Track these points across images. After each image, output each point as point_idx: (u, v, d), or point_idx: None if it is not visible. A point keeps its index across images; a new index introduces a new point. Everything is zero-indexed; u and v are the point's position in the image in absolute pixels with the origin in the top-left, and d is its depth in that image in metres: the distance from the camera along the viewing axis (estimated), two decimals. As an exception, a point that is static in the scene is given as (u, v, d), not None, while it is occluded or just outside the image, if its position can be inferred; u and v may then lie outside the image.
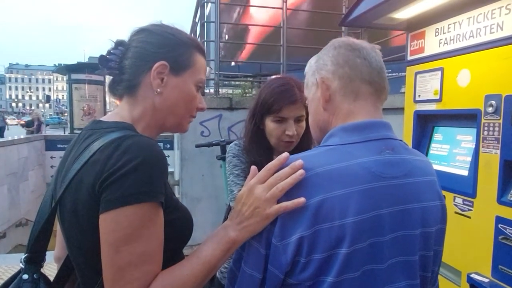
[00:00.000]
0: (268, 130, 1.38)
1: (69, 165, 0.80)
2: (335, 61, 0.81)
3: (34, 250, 0.81)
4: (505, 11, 1.48)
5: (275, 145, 1.39)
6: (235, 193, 1.36)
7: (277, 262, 0.70)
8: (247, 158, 1.41)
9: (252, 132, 1.42)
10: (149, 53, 0.84)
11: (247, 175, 1.34)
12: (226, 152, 3.74)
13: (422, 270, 0.80)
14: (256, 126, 1.41)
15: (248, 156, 1.41)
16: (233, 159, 1.42)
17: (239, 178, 1.38)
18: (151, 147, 0.74)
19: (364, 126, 0.78)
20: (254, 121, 1.41)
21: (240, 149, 1.45)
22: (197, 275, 0.73)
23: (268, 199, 0.71)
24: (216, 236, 0.77)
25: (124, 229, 0.69)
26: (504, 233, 1.47)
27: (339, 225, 0.68)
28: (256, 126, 1.41)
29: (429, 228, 0.78)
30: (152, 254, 0.72)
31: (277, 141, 1.37)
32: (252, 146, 1.41)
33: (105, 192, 0.70)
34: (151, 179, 0.72)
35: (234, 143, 1.49)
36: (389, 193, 0.73)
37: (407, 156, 0.79)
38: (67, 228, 0.79)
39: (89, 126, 0.87)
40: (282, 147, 1.37)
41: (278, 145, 1.38)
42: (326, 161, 0.72)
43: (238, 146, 1.46)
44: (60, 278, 0.89)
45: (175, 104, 0.86)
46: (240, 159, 1.42)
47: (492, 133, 1.55)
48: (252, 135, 1.42)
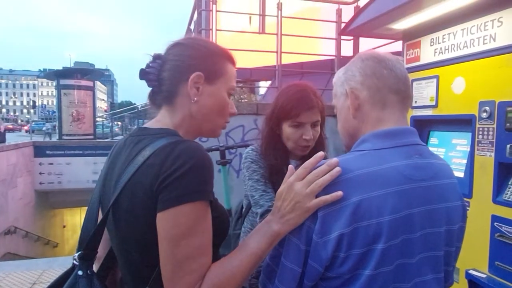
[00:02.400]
0: (286, 134, 1.43)
1: (122, 170, 0.85)
2: (363, 72, 0.88)
3: (87, 248, 0.86)
4: (498, 23, 1.59)
5: (292, 149, 1.44)
6: (256, 198, 1.40)
7: (317, 257, 0.77)
8: (264, 163, 1.46)
9: (268, 137, 1.47)
10: (185, 65, 0.91)
11: (266, 180, 1.41)
12: (225, 157, 3.78)
13: (446, 264, 0.88)
14: (272, 131, 1.46)
15: (265, 160, 1.46)
16: (251, 165, 1.46)
17: (259, 183, 1.43)
18: (201, 151, 0.81)
19: (394, 133, 0.85)
20: (271, 126, 1.46)
21: (258, 154, 1.49)
22: (245, 266, 0.80)
23: (307, 194, 0.78)
24: (260, 230, 0.83)
25: (182, 225, 0.76)
26: (500, 231, 1.57)
27: (376, 223, 0.74)
28: (272, 131, 1.46)
29: (452, 226, 0.86)
30: (206, 247, 0.79)
31: (294, 145, 1.42)
32: (269, 151, 1.46)
33: (163, 193, 0.76)
34: (203, 179, 0.79)
35: (251, 148, 1.53)
36: (418, 194, 0.80)
37: (433, 160, 0.86)
38: (123, 228, 0.85)
39: (135, 133, 0.94)
40: (299, 150, 1.43)
41: (295, 149, 1.43)
42: (362, 165, 0.79)
43: (255, 151, 1.50)
44: (102, 275, 0.95)
45: (210, 111, 0.93)
46: (258, 164, 1.46)
47: (487, 137, 1.65)
48: (268, 139, 1.47)
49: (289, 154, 1.46)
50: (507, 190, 1.57)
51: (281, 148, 1.45)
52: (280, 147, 1.45)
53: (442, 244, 0.84)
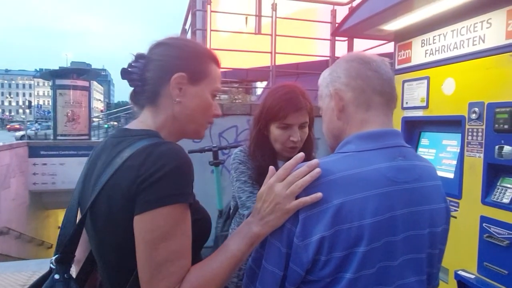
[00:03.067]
0: (273, 136, 1.43)
1: (100, 171, 0.84)
2: (348, 73, 0.88)
3: (65, 251, 0.85)
4: (487, 25, 1.60)
5: (279, 150, 1.43)
6: (243, 200, 1.40)
7: (298, 260, 0.76)
8: (252, 164, 1.45)
9: (257, 138, 1.46)
10: (169, 65, 0.89)
11: (254, 182, 1.40)
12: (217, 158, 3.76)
13: (428, 266, 0.87)
14: (260, 132, 1.46)
15: (253, 161, 1.45)
16: (239, 166, 1.46)
17: (246, 185, 1.42)
18: (180, 153, 0.80)
19: (378, 134, 0.84)
20: (259, 127, 1.46)
21: (245, 155, 1.49)
22: (225, 268, 0.79)
23: (287, 196, 0.77)
24: (240, 232, 0.82)
25: (160, 228, 0.75)
26: (489, 232, 1.57)
27: (358, 226, 0.74)
28: (260, 132, 1.46)
29: (436, 228, 0.85)
30: (185, 250, 0.78)
31: (281, 147, 1.41)
32: (257, 152, 1.45)
33: (141, 195, 0.75)
34: (183, 182, 0.78)
35: (239, 149, 1.52)
36: (402, 197, 0.79)
37: (417, 162, 0.86)
38: (100, 230, 0.84)
39: (116, 134, 0.92)
40: (286, 152, 1.42)
41: (283, 150, 1.42)
42: (344, 167, 0.78)
43: (243, 152, 1.50)
44: (81, 278, 0.93)
45: (193, 112, 0.92)
46: (246, 165, 1.45)
47: (476, 138, 1.65)
48: (257, 140, 1.46)
49: (277, 155, 1.45)
50: (495, 191, 1.58)
51: (269, 149, 1.44)
52: (268, 148, 1.45)
53: (425, 247, 0.84)
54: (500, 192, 1.56)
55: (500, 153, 1.52)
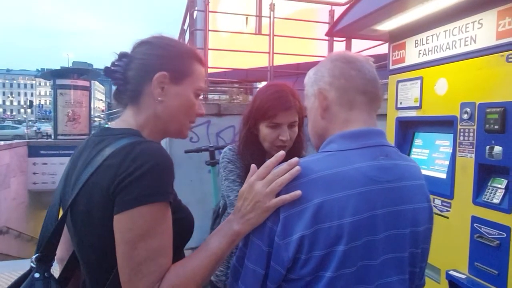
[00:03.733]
0: (262, 135, 1.42)
1: (81, 170, 0.84)
2: (332, 73, 0.88)
3: (45, 250, 0.85)
4: (478, 25, 1.60)
5: (268, 149, 1.43)
6: (231, 199, 1.40)
7: (279, 258, 0.76)
8: (241, 163, 1.45)
9: (246, 137, 1.46)
10: (151, 64, 0.90)
11: (243, 180, 1.40)
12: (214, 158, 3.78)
13: (411, 266, 0.87)
14: (249, 131, 1.45)
15: (242, 160, 1.45)
16: (228, 165, 1.46)
17: (235, 184, 1.42)
18: (159, 152, 0.81)
19: (361, 134, 0.85)
20: (248, 126, 1.45)
21: (235, 153, 1.48)
22: (206, 266, 0.80)
23: (267, 194, 0.78)
24: (221, 230, 0.83)
25: (140, 227, 0.75)
26: (479, 232, 1.57)
27: (337, 225, 0.74)
28: (249, 131, 1.45)
29: (418, 227, 0.86)
30: (165, 248, 0.78)
31: (270, 146, 1.41)
32: (246, 151, 1.45)
33: (120, 194, 0.76)
34: (162, 181, 0.78)
35: (228, 148, 1.52)
36: (383, 196, 0.80)
37: (399, 161, 0.86)
38: (80, 229, 0.84)
39: (98, 132, 0.93)
40: (275, 151, 1.39)
41: (272, 149, 1.42)
42: (325, 166, 0.79)
43: (233, 151, 1.50)
44: (64, 277, 0.94)
45: (176, 111, 0.92)
46: (235, 164, 1.45)
47: (468, 138, 1.66)
48: (246, 139, 1.46)
49: (266, 155, 1.45)
50: (486, 191, 1.58)
51: (258, 148, 1.44)
52: (257, 147, 1.44)
53: (407, 246, 0.84)
54: (491, 192, 1.56)
55: (491, 153, 1.52)
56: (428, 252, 0.97)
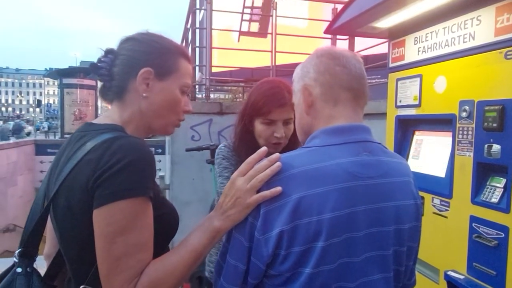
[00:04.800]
0: (257, 131, 1.41)
1: (63, 165, 0.85)
2: (317, 69, 0.87)
3: (27, 245, 0.86)
4: (476, 22, 1.57)
5: (263, 146, 1.42)
6: None
7: (259, 254, 0.76)
8: (236, 159, 1.45)
9: (241, 133, 1.45)
10: (136, 60, 0.90)
11: None
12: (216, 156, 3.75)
13: (395, 264, 0.85)
14: (245, 128, 1.45)
15: (238, 156, 1.44)
16: (222, 161, 1.45)
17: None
18: (139, 146, 0.80)
19: (343, 129, 0.84)
20: (243, 122, 1.45)
21: (230, 150, 1.48)
22: (186, 262, 0.79)
23: (248, 190, 0.77)
24: (201, 226, 0.83)
25: (118, 222, 0.75)
26: (478, 232, 1.55)
27: (316, 220, 0.73)
28: (245, 128, 1.45)
29: (402, 225, 0.84)
30: (144, 243, 0.78)
31: (265, 143, 1.40)
32: (241, 147, 1.44)
33: (99, 189, 0.76)
34: (140, 176, 0.78)
35: (224, 145, 1.52)
36: (364, 192, 0.78)
37: (383, 158, 0.85)
38: (61, 224, 0.84)
39: (81, 128, 0.93)
40: (270, 148, 1.39)
41: (267, 146, 1.40)
42: (306, 161, 0.78)
43: (228, 148, 1.49)
44: (51, 273, 0.94)
45: (161, 107, 0.92)
46: (230, 161, 1.45)
47: (466, 137, 1.63)
48: (241, 136, 1.45)
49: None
50: (485, 190, 1.55)
51: (253, 145, 1.43)
52: (252, 144, 1.43)
53: (391, 244, 0.83)
54: (489, 192, 1.53)
55: (489, 152, 1.50)
56: (417, 251, 0.95)
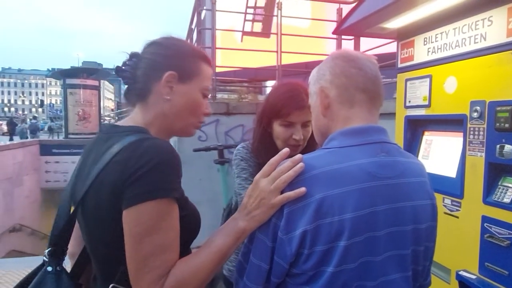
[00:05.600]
0: (276, 133, 1.42)
1: (90, 167, 0.87)
2: (333, 71, 0.89)
3: (57, 245, 0.88)
4: (488, 22, 1.58)
5: (281, 148, 1.42)
6: (242, 197, 1.40)
7: (282, 253, 0.78)
8: (255, 161, 1.45)
9: (260, 135, 1.46)
10: (159, 64, 0.92)
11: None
12: (223, 156, 3.78)
13: (413, 263, 0.87)
14: (263, 130, 1.45)
15: (257, 158, 1.45)
16: (241, 162, 1.46)
17: (247, 182, 1.41)
18: (166, 148, 0.82)
19: (361, 130, 0.85)
20: (262, 124, 1.45)
21: (248, 151, 1.48)
22: (211, 262, 0.81)
23: (272, 191, 0.79)
24: (226, 227, 0.84)
25: (145, 222, 0.77)
26: (490, 232, 1.56)
27: (338, 220, 0.75)
28: (263, 130, 1.45)
29: (419, 224, 0.85)
30: (170, 244, 0.80)
31: (283, 144, 1.40)
32: (260, 149, 1.45)
33: (127, 190, 0.78)
34: (168, 177, 0.80)
35: (242, 146, 1.52)
36: (383, 192, 0.80)
37: (400, 158, 0.86)
38: (90, 225, 0.87)
39: (106, 130, 0.96)
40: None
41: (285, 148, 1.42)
42: (327, 162, 0.80)
43: (246, 149, 1.49)
44: (76, 272, 0.96)
45: (183, 110, 0.94)
46: (248, 162, 1.45)
47: (477, 137, 1.64)
48: (260, 138, 1.46)
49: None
50: (496, 191, 1.56)
51: (272, 146, 1.43)
52: (271, 145, 1.43)
53: (409, 243, 0.84)
54: (501, 192, 1.54)
55: (501, 152, 1.50)
56: (433, 250, 0.96)
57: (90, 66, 28.78)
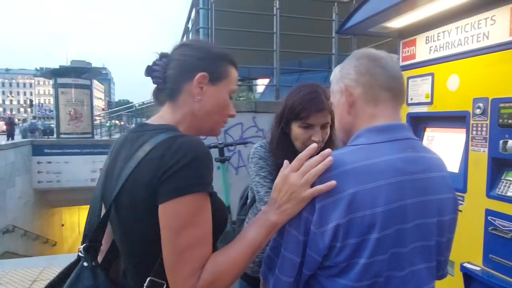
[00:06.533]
0: (294, 134, 1.45)
1: (122, 165, 0.89)
2: (358, 70, 0.92)
3: (92, 241, 0.90)
4: (490, 21, 1.62)
5: (300, 149, 1.45)
6: (261, 194, 1.43)
7: (315, 247, 0.80)
8: (273, 160, 1.48)
9: (278, 136, 1.49)
10: (190, 65, 0.95)
11: (274, 178, 1.43)
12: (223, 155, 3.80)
13: (437, 254, 0.91)
14: (282, 130, 1.48)
15: (275, 157, 1.48)
16: (259, 161, 1.49)
17: (266, 180, 1.45)
18: (198, 145, 0.85)
19: (388, 128, 0.89)
20: (281, 125, 1.48)
21: (266, 151, 1.52)
22: (244, 255, 0.84)
23: (302, 184, 0.82)
24: (258, 221, 0.87)
25: (182, 216, 0.79)
26: (494, 225, 1.61)
27: (370, 214, 0.78)
28: (282, 130, 1.48)
29: (443, 217, 0.90)
30: (205, 237, 0.82)
31: (302, 146, 1.43)
32: (279, 149, 1.48)
33: (163, 186, 0.80)
34: (201, 172, 0.83)
35: (260, 145, 1.55)
36: (411, 186, 0.84)
37: (425, 154, 0.90)
38: (125, 221, 0.89)
39: (135, 129, 0.98)
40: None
41: (303, 149, 1.44)
42: (357, 158, 0.83)
43: (264, 148, 1.53)
44: (105, 266, 0.98)
45: (212, 110, 0.97)
46: (266, 161, 1.49)
47: (480, 133, 1.69)
48: (278, 138, 1.49)
49: (297, 154, 1.48)
50: (500, 185, 1.61)
51: (290, 147, 1.47)
52: (289, 146, 1.47)
53: (434, 235, 0.88)
54: (504, 186, 1.59)
55: (505, 147, 1.55)
56: (452, 242, 1.01)
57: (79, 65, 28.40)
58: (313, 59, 6.47)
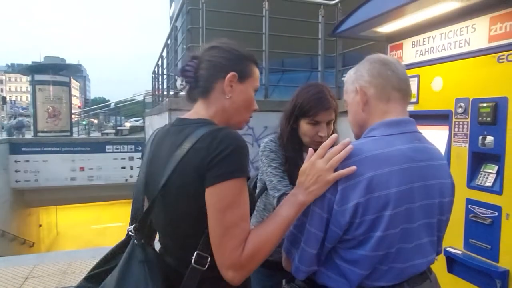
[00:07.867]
0: (303, 130, 1.62)
1: (169, 154, 1.00)
2: (371, 73, 1.07)
3: (141, 221, 1.01)
4: (471, 29, 1.80)
5: (307, 144, 1.62)
6: (274, 183, 1.58)
7: (337, 222, 0.95)
8: (283, 153, 1.65)
9: (288, 132, 1.66)
10: (221, 65, 1.07)
11: (283, 169, 1.57)
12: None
13: (437, 230, 1.08)
14: (291, 127, 1.65)
15: (285, 151, 1.65)
16: (270, 154, 1.65)
17: (277, 171, 1.61)
18: (239, 136, 0.98)
19: (398, 122, 1.04)
20: (290, 122, 1.65)
21: (276, 145, 1.68)
22: (279, 231, 0.96)
23: (327, 169, 0.95)
24: (288, 201, 1.00)
25: (227, 198, 0.92)
26: (473, 212, 1.79)
27: (385, 194, 0.93)
28: (291, 127, 1.65)
29: (444, 198, 1.06)
30: (246, 215, 0.96)
31: (310, 140, 1.61)
32: (288, 143, 1.65)
33: (210, 171, 0.92)
34: (242, 160, 0.96)
35: (270, 139, 1.71)
36: (418, 172, 0.99)
37: (428, 145, 1.07)
38: (173, 205, 1.00)
39: (175, 123, 1.10)
40: (314, 145, 1.57)
41: (311, 144, 1.60)
42: (373, 147, 0.98)
43: (274, 143, 1.69)
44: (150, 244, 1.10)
45: (240, 106, 1.10)
46: (277, 154, 1.65)
47: (462, 130, 1.87)
48: (288, 134, 1.66)
49: (304, 147, 1.64)
50: (479, 176, 1.79)
51: (298, 141, 1.64)
52: (297, 141, 1.64)
53: (436, 214, 1.04)
54: (483, 177, 1.77)
55: (483, 142, 1.73)
56: (448, 221, 1.17)
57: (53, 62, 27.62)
58: (295, 59, 6.64)
